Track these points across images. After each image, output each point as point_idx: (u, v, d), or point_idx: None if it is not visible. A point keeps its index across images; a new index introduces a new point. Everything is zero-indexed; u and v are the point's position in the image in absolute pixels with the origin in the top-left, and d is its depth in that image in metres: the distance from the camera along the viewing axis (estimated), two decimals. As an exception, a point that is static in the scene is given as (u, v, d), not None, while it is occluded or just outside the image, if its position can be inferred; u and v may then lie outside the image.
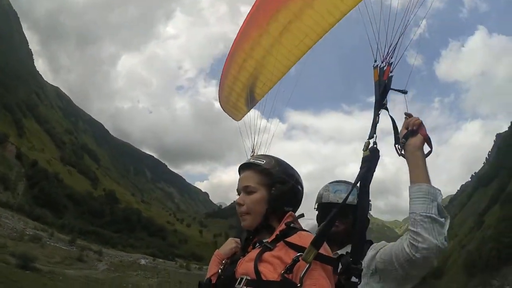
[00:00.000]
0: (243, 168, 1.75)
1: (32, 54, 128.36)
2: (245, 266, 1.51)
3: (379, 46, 2.04)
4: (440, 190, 1.66)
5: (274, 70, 3.02)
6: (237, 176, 1.82)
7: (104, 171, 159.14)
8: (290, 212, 1.64)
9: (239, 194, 1.71)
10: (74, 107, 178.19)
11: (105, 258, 59.72)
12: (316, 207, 2.33)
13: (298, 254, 1.37)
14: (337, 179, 2.34)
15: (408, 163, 1.77)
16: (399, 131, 1.90)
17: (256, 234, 1.70)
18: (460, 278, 58.81)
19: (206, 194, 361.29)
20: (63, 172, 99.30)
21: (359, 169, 1.73)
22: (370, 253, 1.94)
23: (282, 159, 1.76)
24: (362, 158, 1.75)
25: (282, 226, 1.57)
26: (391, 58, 1.99)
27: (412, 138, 1.78)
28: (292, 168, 1.74)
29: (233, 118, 3.74)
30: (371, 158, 1.72)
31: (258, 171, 1.67)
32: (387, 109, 1.92)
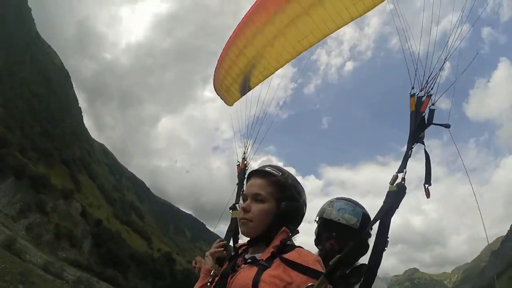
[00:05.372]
0: (255, 174, 1.68)
1: (81, 112, 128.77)
2: (240, 286, 1.45)
3: (418, 72, 1.85)
4: None
5: (273, 62, 2.99)
6: None
7: (150, 230, 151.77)
8: (284, 228, 1.59)
9: (245, 199, 1.64)
10: (117, 164, 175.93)
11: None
12: (317, 219, 2.27)
13: (309, 284, 1.33)
14: (345, 197, 2.23)
15: None
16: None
17: (251, 245, 1.66)
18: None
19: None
20: (122, 231, 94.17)
21: (382, 203, 1.66)
22: None
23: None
24: (388, 192, 1.67)
25: (277, 243, 1.53)
26: (431, 88, 1.81)
27: None
28: (302, 186, 1.69)
29: (224, 102, 3.58)
30: (396, 195, 1.64)
31: (272, 182, 1.62)
32: (423, 143, 1.76)
